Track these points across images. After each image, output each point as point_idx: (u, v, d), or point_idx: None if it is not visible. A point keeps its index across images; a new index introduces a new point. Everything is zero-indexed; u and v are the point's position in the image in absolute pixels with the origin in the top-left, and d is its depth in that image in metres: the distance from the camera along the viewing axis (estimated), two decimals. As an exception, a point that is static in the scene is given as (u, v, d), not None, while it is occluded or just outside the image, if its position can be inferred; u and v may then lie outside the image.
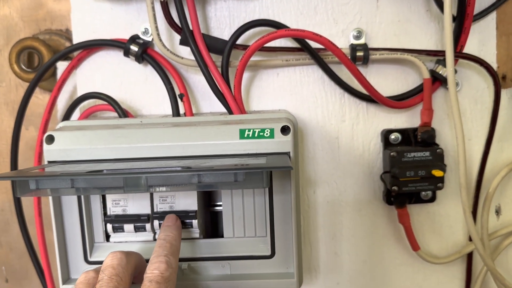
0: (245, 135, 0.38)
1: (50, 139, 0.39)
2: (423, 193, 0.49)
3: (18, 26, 0.55)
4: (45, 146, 0.38)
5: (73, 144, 0.38)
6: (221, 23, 0.48)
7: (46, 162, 0.39)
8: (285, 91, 0.49)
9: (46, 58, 0.51)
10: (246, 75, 0.48)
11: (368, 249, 0.51)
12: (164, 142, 0.38)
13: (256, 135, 0.38)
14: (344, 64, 0.44)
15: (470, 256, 0.51)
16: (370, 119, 0.49)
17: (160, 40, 0.45)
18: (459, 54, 0.46)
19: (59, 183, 0.29)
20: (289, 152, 0.38)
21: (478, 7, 0.47)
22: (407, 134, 0.48)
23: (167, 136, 0.38)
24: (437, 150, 0.46)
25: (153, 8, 0.43)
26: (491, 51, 0.48)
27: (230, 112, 0.45)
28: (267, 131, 0.38)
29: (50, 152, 0.38)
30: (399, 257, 0.51)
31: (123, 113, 0.45)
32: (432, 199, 0.50)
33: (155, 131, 0.38)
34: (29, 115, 0.53)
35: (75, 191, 0.30)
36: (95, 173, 0.30)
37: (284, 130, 0.38)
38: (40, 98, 0.55)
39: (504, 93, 0.49)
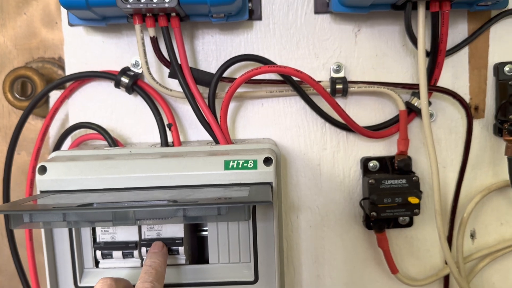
0: (230, 166, 0.40)
1: (43, 170, 0.40)
2: (401, 218, 0.51)
3: (12, 54, 0.57)
4: (37, 176, 0.40)
5: (64, 175, 0.40)
6: (208, 56, 0.50)
7: (38, 192, 0.40)
8: (270, 120, 0.51)
9: (39, 87, 0.53)
10: (232, 105, 0.51)
11: (349, 272, 0.53)
12: (152, 173, 0.40)
13: (240, 166, 0.40)
14: (323, 98, 0.46)
15: (447, 279, 0.53)
16: (350, 147, 0.52)
17: (150, 73, 0.47)
18: (433, 87, 0.49)
19: (51, 216, 0.31)
20: (271, 182, 0.40)
21: (451, 43, 0.50)
22: (385, 162, 0.51)
23: (155, 167, 0.40)
24: (413, 178, 0.49)
25: (143, 43, 0.45)
26: (464, 83, 0.51)
27: (216, 141, 0.47)
28: (251, 162, 0.40)
29: (43, 182, 0.40)
30: (379, 280, 0.53)
31: (113, 142, 0.47)
32: (410, 224, 0.52)
33: (144, 162, 0.40)
34: (21, 140, 0.54)
35: (66, 224, 0.31)
36: (85, 207, 0.31)
37: (267, 161, 0.40)
38: (32, 124, 0.56)
39: (476, 123, 0.52)
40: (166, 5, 0.41)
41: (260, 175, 0.40)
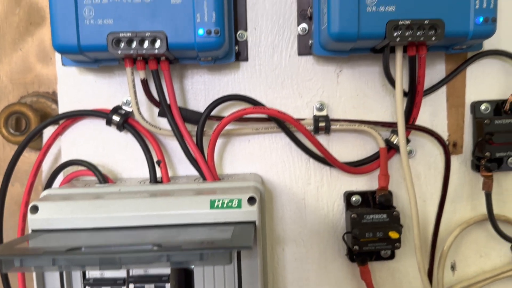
0: (215, 206, 0.42)
1: (34, 209, 0.42)
2: (383, 251, 0.53)
3: (7, 88, 0.58)
4: (29, 215, 0.42)
5: (56, 214, 0.41)
6: (197, 95, 0.52)
7: (30, 230, 0.42)
8: (256, 156, 0.53)
9: (33, 122, 0.55)
10: (220, 141, 0.53)
11: (334, 303, 0.54)
12: (140, 212, 0.41)
13: (225, 205, 0.42)
14: (306, 137, 0.48)
15: (428, 310, 0.55)
16: (333, 182, 0.53)
17: (140, 113, 0.49)
18: (411, 126, 0.51)
19: (41, 261, 0.32)
20: (255, 221, 0.42)
21: (429, 82, 0.53)
22: (367, 197, 0.53)
23: (143, 206, 0.42)
24: (394, 213, 0.50)
25: (133, 85, 0.47)
26: (442, 121, 0.53)
27: (203, 177, 0.49)
28: (235, 201, 0.42)
29: (34, 222, 0.41)
30: (363, 311, 0.55)
31: (103, 178, 0.49)
32: (392, 256, 0.54)
33: (132, 202, 0.42)
34: (15, 172, 0.55)
35: (57, 268, 0.33)
36: (74, 251, 0.33)
37: (251, 200, 0.42)
38: (26, 156, 0.58)
39: (455, 159, 0.54)
40: (156, 51, 0.43)
41: (244, 214, 0.42)
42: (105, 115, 0.50)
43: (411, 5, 0.43)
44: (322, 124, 0.51)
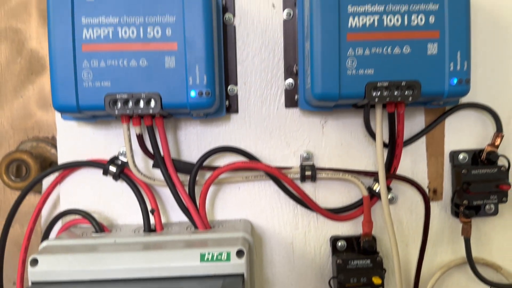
0: (205, 259, 0.44)
1: (34, 262, 0.44)
2: (367, 294, 0.55)
3: (8, 133, 0.61)
4: (29, 268, 0.44)
5: (54, 267, 0.44)
6: (190, 145, 0.55)
7: (30, 283, 0.44)
8: (246, 202, 0.56)
9: (33, 169, 0.57)
10: (211, 189, 0.55)
11: None
12: (134, 265, 0.44)
13: (214, 258, 0.44)
14: (292, 188, 0.51)
15: None
16: (320, 227, 0.56)
17: (135, 166, 0.51)
18: (392, 175, 0.53)
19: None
20: (243, 273, 0.44)
21: (409, 133, 0.56)
22: (352, 242, 0.55)
23: (137, 260, 0.44)
24: (377, 259, 0.53)
25: (129, 140, 0.50)
26: (423, 169, 0.56)
27: (195, 226, 0.51)
28: (224, 254, 0.44)
29: (34, 274, 0.44)
30: None
31: (99, 227, 0.51)
32: (376, 299, 0.56)
33: (126, 255, 0.44)
34: (14, 213, 0.58)
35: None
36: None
37: (239, 253, 0.45)
38: (25, 198, 0.60)
39: (435, 205, 0.57)
40: (151, 111, 0.46)
41: (233, 267, 0.44)
42: (102, 166, 0.53)
43: (388, 67, 0.46)
44: (308, 173, 0.54)
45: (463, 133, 0.56)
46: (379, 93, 0.46)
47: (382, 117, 0.50)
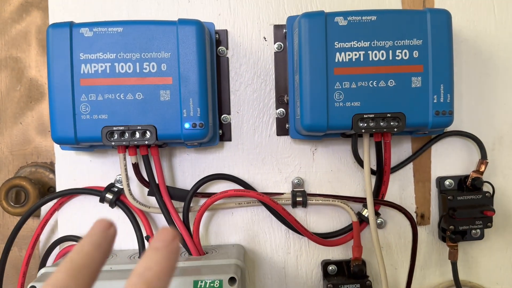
0: (198, 286, 0.46)
1: (32, 290, 0.45)
2: (357, 318, 0.57)
3: (7, 159, 0.63)
4: (27, 296, 0.45)
5: (51, 295, 0.45)
6: (184, 172, 0.57)
7: (28, 310, 0.45)
8: (239, 227, 0.57)
9: (32, 195, 0.59)
10: (205, 215, 0.57)
11: None
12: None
13: (207, 285, 0.46)
14: (283, 215, 0.53)
15: None
16: (311, 251, 0.58)
17: (131, 194, 0.53)
18: (380, 201, 0.55)
19: None
20: (235, 300, 0.46)
21: (397, 160, 0.57)
22: (342, 266, 0.57)
23: None
24: (366, 282, 0.54)
25: (125, 169, 0.52)
26: (410, 194, 0.58)
27: (189, 252, 0.53)
28: (217, 282, 0.46)
29: (32, 302, 0.45)
30: None
31: (97, 254, 0.53)
32: (366, 322, 0.57)
33: (122, 283, 0.46)
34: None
35: None
36: None
37: (231, 280, 0.46)
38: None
39: (423, 229, 0.58)
40: (146, 142, 0.48)
41: (225, 294, 0.46)
42: (99, 193, 0.54)
43: (374, 100, 0.48)
44: (299, 199, 0.55)
45: (449, 160, 0.58)
46: (365, 124, 0.48)
47: (369, 146, 0.52)
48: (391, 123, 0.48)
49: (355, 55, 0.48)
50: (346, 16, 0.48)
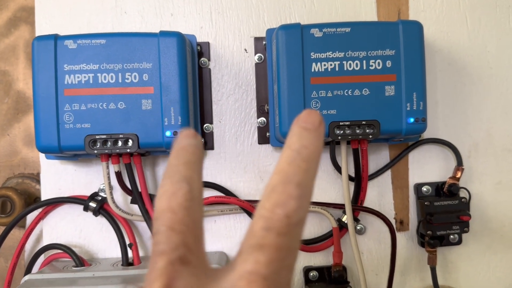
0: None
1: (15, 297, 0.46)
2: (339, 323, 0.57)
3: (-6, 170, 0.63)
4: (9, 303, 0.46)
5: (34, 302, 0.46)
6: (167, 180, 0.58)
7: (9, 317, 0.46)
8: (222, 234, 0.58)
9: (17, 205, 0.59)
10: (188, 222, 0.58)
11: None
12: (110, 299, 0.46)
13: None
14: (264, 222, 0.54)
15: None
16: (293, 258, 0.58)
17: (114, 202, 0.54)
18: (359, 207, 0.56)
19: None
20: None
21: (375, 167, 0.59)
22: (323, 272, 0.58)
23: (113, 293, 0.46)
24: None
25: (108, 177, 0.53)
26: (389, 200, 0.59)
27: (172, 259, 0.54)
28: None
29: (14, 309, 0.46)
30: None
31: (80, 261, 0.53)
32: (348, 327, 0.58)
33: (104, 289, 0.47)
34: (-2, 247, 0.60)
35: None
36: None
37: None
38: (10, 233, 0.62)
39: (402, 235, 0.59)
40: (128, 150, 0.49)
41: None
42: (83, 202, 0.55)
43: (350, 108, 0.50)
44: (280, 206, 0.56)
45: (426, 167, 0.59)
46: (342, 131, 0.50)
47: (347, 153, 0.53)
48: (367, 130, 0.50)
49: (331, 65, 0.50)
50: (321, 28, 0.50)
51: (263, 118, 0.58)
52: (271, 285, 0.18)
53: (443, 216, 0.56)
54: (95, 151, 0.49)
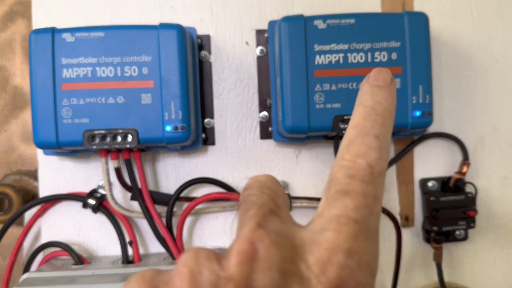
0: (180, 289, 0.45)
1: (13, 296, 0.45)
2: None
3: (-8, 167, 0.62)
4: (7, 302, 0.45)
5: (32, 301, 0.45)
6: (168, 176, 0.57)
7: (7, 316, 0.45)
8: (223, 232, 0.57)
9: (15, 202, 0.58)
10: (189, 219, 0.57)
11: None
12: (110, 298, 0.45)
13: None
14: (267, 218, 0.53)
15: None
16: (296, 255, 0.57)
17: (113, 199, 0.53)
18: (364, 204, 0.55)
19: None
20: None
21: (380, 161, 0.58)
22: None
23: (114, 292, 0.45)
24: (351, 285, 0.54)
25: (108, 173, 0.52)
26: (394, 196, 0.58)
27: (172, 256, 0.53)
28: None
29: (12, 308, 0.45)
30: None
31: (79, 259, 0.52)
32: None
33: (104, 287, 0.45)
34: (-4, 245, 0.59)
35: None
36: None
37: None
38: (8, 230, 0.61)
39: (408, 231, 0.58)
40: (128, 145, 0.48)
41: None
42: (82, 199, 0.54)
43: (354, 102, 0.49)
44: (283, 202, 0.55)
45: (432, 161, 0.58)
46: (346, 125, 0.49)
47: (351, 148, 0.52)
48: (372, 124, 0.49)
49: (335, 57, 0.49)
50: (325, 20, 0.49)
51: (265, 113, 0.57)
52: (363, 228, 0.18)
53: (449, 212, 0.55)
54: (94, 147, 0.48)
